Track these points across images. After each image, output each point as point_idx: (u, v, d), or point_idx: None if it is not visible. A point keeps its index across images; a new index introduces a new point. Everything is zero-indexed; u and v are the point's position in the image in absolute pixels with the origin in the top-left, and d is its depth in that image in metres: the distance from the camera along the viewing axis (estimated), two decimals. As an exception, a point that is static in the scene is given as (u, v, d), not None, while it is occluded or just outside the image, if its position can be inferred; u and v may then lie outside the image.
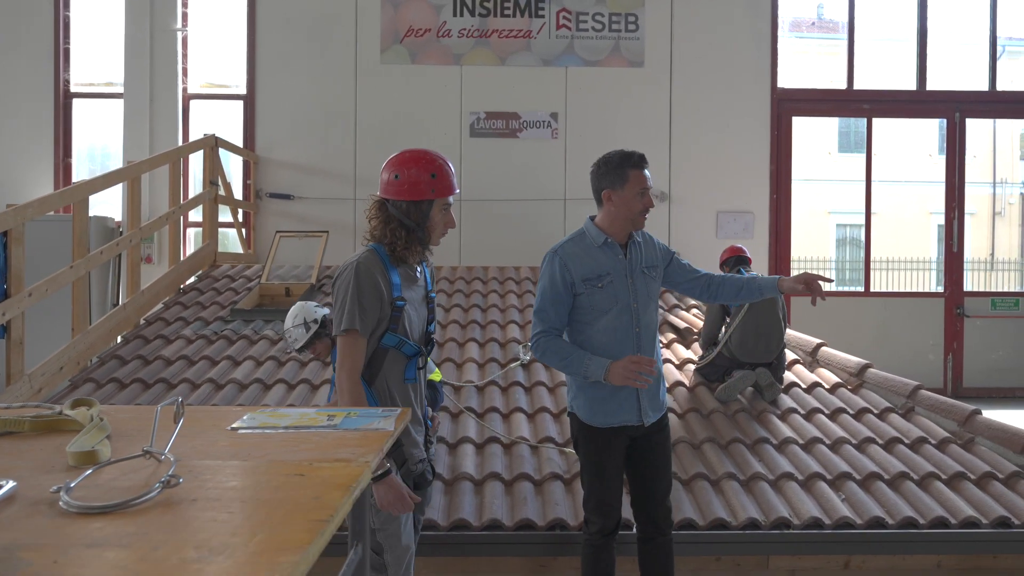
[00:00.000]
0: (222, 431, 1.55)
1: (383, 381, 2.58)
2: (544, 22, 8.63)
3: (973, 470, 4.03)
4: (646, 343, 2.99)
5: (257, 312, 6.18)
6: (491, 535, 3.51)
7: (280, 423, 1.62)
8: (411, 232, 2.57)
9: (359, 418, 1.70)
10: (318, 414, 1.72)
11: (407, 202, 2.55)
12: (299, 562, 0.88)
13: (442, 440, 4.27)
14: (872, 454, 4.21)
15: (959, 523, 3.60)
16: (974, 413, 4.48)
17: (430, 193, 2.55)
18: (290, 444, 1.45)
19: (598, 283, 2.96)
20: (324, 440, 1.48)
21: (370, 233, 2.61)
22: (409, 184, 2.54)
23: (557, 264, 2.98)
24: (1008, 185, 19.50)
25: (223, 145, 7.69)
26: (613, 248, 3.01)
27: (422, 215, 2.56)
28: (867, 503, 3.73)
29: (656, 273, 3.08)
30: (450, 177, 2.60)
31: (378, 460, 1.39)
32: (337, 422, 1.64)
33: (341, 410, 1.78)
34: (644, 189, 2.99)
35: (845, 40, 8.94)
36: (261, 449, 1.40)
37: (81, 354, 5.21)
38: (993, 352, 8.76)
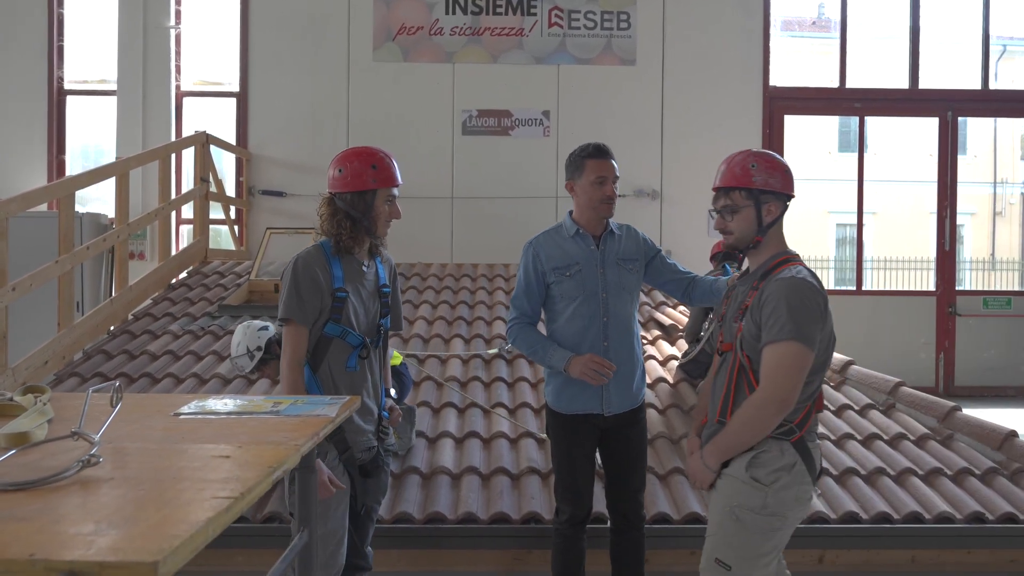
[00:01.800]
0: (164, 416, 1.57)
1: (327, 369, 2.67)
2: (536, 20, 8.64)
3: (950, 466, 4.04)
4: (615, 333, 3.02)
5: (245, 308, 6.20)
6: (465, 528, 3.52)
7: (224, 409, 1.63)
8: (356, 223, 2.69)
9: (305, 405, 1.72)
10: (265, 401, 1.74)
11: (351, 193, 2.68)
12: (194, 535, 0.89)
13: (421, 435, 4.28)
14: (850, 450, 4.22)
15: (933, 518, 3.60)
16: (954, 410, 4.49)
17: (372, 183, 2.68)
18: (226, 429, 1.46)
19: (566, 272, 3.04)
20: (262, 425, 1.50)
21: (320, 227, 2.73)
22: (352, 176, 2.68)
23: (531, 254, 3.10)
24: (1008, 185, 19.49)
25: (214, 142, 7.71)
26: (585, 239, 3.07)
27: (366, 205, 2.69)
28: (842, 498, 3.74)
29: (634, 266, 3.09)
30: (391, 169, 2.73)
31: (311, 444, 1.40)
32: (281, 408, 1.66)
33: (290, 398, 1.80)
34: (601, 177, 3.02)
35: (836, 40, 8.94)
36: (196, 434, 1.42)
37: (66, 349, 5.23)
38: (984, 351, 8.75)
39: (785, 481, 2.32)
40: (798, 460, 2.34)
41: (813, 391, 2.38)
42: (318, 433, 1.46)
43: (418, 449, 4.14)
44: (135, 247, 8.43)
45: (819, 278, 2.43)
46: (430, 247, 8.33)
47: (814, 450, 2.40)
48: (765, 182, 2.44)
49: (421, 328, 5.90)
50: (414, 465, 3.95)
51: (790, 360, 2.26)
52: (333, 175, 2.72)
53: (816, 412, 2.42)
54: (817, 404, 2.42)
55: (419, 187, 8.51)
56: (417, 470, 3.93)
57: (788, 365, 2.26)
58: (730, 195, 2.47)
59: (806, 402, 2.36)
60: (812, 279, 2.37)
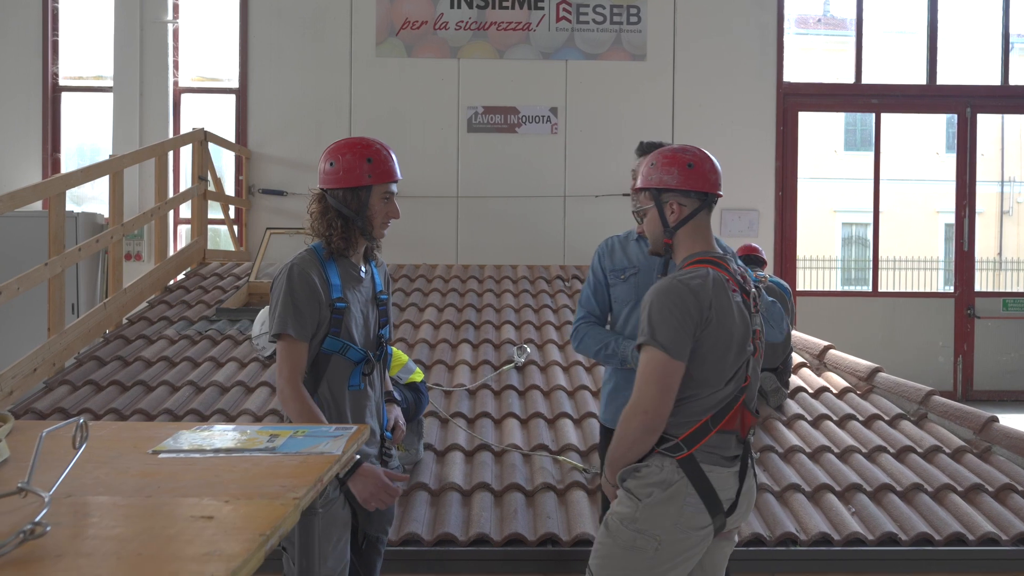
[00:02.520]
0: (140, 455, 1.34)
1: (326, 388, 2.40)
2: (544, 14, 8.40)
3: (991, 482, 3.81)
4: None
5: (244, 311, 5.96)
6: (478, 551, 3.30)
7: (211, 445, 1.40)
8: (349, 222, 2.42)
9: (306, 438, 1.48)
10: (260, 433, 1.51)
11: (344, 190, 2.42)
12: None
13: (430, 447, 4.05)
14: (883, 464, 3.99)
15: (977, 539, 3.38)
16: (991, 421, 4.25)
17: (367, 179, 2.41)
18: (212, 474, 1.23)
19: (622, 275, 2.92)
20: (255, 468, 1.27)
21: (310, 227, 2.47)
22: (345, 171, 2.41)
23: (596, 254, 3.05)
24: (1016, 184, 19.24)
25: (212, 139, 7.48)
26: (643, 243, 2.88)
27: (360, 203, 2.42)
28: (879, 517, 3.51)
29: None
30: (389, 163, 2.45)
31: (313, 494, 1.17)
32: (278, 444, 1.42)
33: (288, 428, 1.57)
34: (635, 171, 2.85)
35: (851, 37, 8.70)
36: (175, 480, 1.19)
37: (57, 355, 5.00)
38: (1004, 354, 8.51)
39: (658, 498, 2.13)
40: (681, 480, 2.13)
41: (708, 406, 2.15)
42: (322, 478, 1.22)
43: (426, 463, 3.91)
44: (132, 248, 8.21)
45: (722, 283, 2.17)
46: (435, 247, 8.10)
47: (716, 476, 2.14)
48: (660, 180, 2.30)
49: (427, 332, 5.66)
50: (422, 481, 3.72)
51: (650, 367, 2.11)
52: (324, 168, 2.45)
53: (726, 431, 2.16)
54: (726, 423, 2.15)
55: (423, 186, 8.29)
56: (425, 486, 3.70)
57: (647, 372, 2.12)
58: (639, 197, 2.42)
59: (696, 416, 2.14)
60: (693, 281, 2.14)
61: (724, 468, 2.16)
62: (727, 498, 2.16)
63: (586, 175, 8.26)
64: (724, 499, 2.15)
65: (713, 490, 2.13)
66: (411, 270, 7.14)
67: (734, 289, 2.19)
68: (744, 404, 2.20)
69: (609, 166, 8.25)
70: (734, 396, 2.17)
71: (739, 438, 2.20)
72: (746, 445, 2.24)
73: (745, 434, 2.22)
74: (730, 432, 2.17)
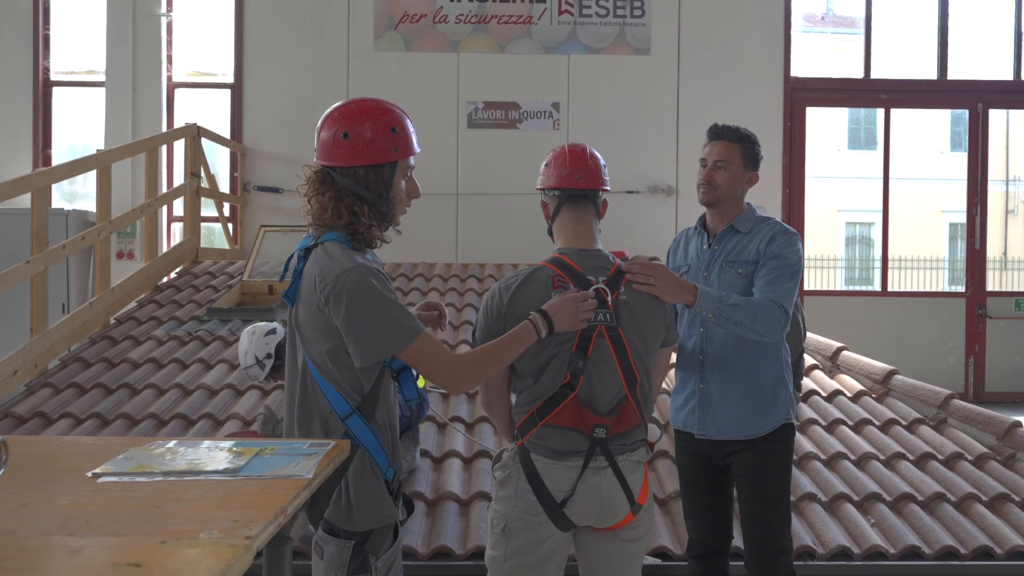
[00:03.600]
0: (77, 478, 1.15)
1: (384, 414, 2.02)
2: (545, 7, 8.20)
3: (1017, 491, 3.62)
4: (713, 347, 2.61)
5: (236, 311, 5.78)
6: (476, 565, 3.10)
7: (162, 467, 1.21)
8: (372, 207, 2.02)
9: (275, 456, 1.30)
10: (222, 451, 1.32)
11: (365, 168, 2.00)
12: None
13: (427, 454, 3.86)
14: (903, 472, 3.79)
15: (1006, 553, 3.19)
16: (1015, 426, 4.06)
17: (392, 153, 2.01)
18: (155, 503, 1.04)
19: (677, 272, 2.70)
20: (208, 495, 1.08)
21: (315, 216, 2.03)
22: (365, 144, 1.98)
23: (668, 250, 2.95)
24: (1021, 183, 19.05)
25: (206, 135, 7.29)
26: (702, 236, 2.79)
27: (384, 183, 2.02)
28: (900, 529, 3.32)
29: (749, 271, 2.63)
30: (411, 131, 2.08)
31: (271, 531, 0.97)
32: (242, 463, 1.24)
33: (258, 444, 1.37)
34: (703, 159, 2.76)
35: (860, 35, 8.50)
36: (108, 513, 1.00)
37: (39, 356, 4.82)
38: (1017, 355, 8.31)
39: (500, 479, 2.26)
40: (515, 466, 2.21)
41: (532, 399, 2.20)
42: (285, 509, 1.03)
43: (423, 470, 3.72)
44: (124, 246, 8.02)
45: (543, 280, 2.22)
46: (434, 245, 7.89)
47: (544, 467, 2.17)
48: (538, 180, 2.41)
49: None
50: (418, 490, 3.53)
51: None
52: (334, 139, 1.99)
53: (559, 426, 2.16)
54: (557, 418, 2.16)
55: (423, 182, 7.79)
56: (421, 495, 3.51)
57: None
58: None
59: (526, 408, 2.21)
60: (507, 280, 2.26)
61: (555, 462, 2.17)
62: (557, 490, 2.16)
63: (588, 172, 8.04)
64: (554, 491, 2.16)
65: (540, 481, 2.17)
66: (409, 268, 6.95)
67: (556, 287, 2.20)
68: (580, 402, 2.16)
69: (612, 162, 7.96)
70: (559, 392, 2.16)
71: (586, 436, 2.17)
72: (603, 444, 2.18)
73: (590, 432, 2.16)
74: (566, 428, 2.17)
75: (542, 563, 2.19)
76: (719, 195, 2.69)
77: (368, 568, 1.95)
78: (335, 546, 1.93)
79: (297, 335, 2.01)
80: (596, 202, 2.40)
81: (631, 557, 2.28)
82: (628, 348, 2.22)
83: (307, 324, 1.97)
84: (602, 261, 2.30)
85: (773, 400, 2.62)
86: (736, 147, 2.71)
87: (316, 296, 1.93)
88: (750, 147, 2.73)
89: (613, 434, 2.20)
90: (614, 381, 2.20)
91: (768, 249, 2.61)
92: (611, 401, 2.20)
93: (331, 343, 1.93)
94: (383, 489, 1.98)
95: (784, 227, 2.69)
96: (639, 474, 2.25)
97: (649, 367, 2.30)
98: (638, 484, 2.24)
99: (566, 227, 2.34)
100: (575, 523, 2.19)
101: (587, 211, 2.36)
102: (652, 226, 8.09)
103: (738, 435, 2.61)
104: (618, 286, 2.25)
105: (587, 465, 2.17)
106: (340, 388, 1.93)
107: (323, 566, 1.94)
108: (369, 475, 1.95)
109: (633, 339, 2.23)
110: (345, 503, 1.92)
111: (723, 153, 2.70)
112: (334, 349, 1.93)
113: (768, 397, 2.62)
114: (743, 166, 2.72)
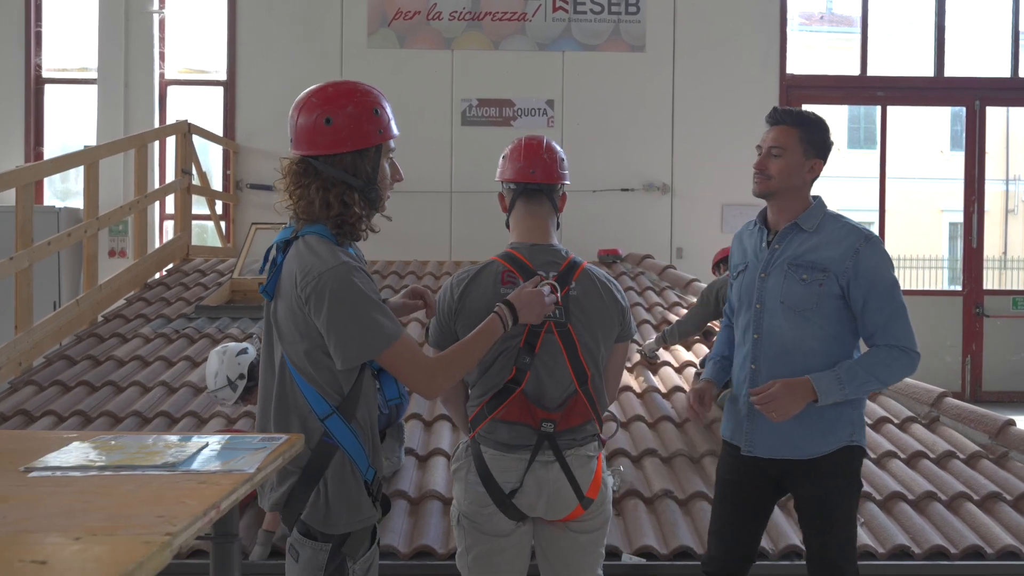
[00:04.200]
0: (8, 473, 1.10)
1: (365, 414, 1.95)
2: (540, 4, 8.16)
3: (1009, 490, 3.57)
4: (767, 357, 2.40)
5: (225, 309, 5.73)
6: (458, 565, 3.06)
7: (101, 460, 1.16)
8: (362, 194, 1.92)
9: (224, 451, 1.25)
10: (168, 445, 1.27)
11: (351, 154, 1.90)
12: None
13: (411, 452, 3.82)
14: (894, 470, 3.74)
15: (996, 553, 3.14)
16: (1007, 424, 4.01)
17: (377, 135, 1.90)
18: (82, 499, 0.99)
19: (735, 272, 2.56)
20: (140, 491, 1.03)
21: (300, 210, 1.92)
22: (349, 128, 1.87)
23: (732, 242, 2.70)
24: (1021, 182, 18.99)
25: (197, 132, 7.24)
26: (762, 233, 2.53)
27: (372, 167, 1.92)
28: (890, 528, 3.27)
29: (816, 278, 2.35)
30: (390, 113, 1.98)
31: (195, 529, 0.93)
32: (182, 458, 1.19)
33: (204, 439, 1.33)
34: (758, 147, 2.50)
35: (856, 34, 8.46)
36: (29, 508, 0.95)
37: (24, 354, 4.77)
38: (1014, 354, 8.26)
39: (453, 469, 2.31)
40: (467, 458, 2.24)
41: (481, 392, 2.22)
42: (218, 504, 0.98)
43: (407, 469, 3.67)
44: (116, 244, 7.98)
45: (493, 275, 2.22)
46: (427, 243, 7.85)
47: (493, 459, 2.19)
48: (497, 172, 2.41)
49: (415, 331, 5.43)
50: (401, 488, 3.48)
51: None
52: (314, 125, 1.88)
53: (507, 421, 2.17)
54: (504, 413, 2.17)
55: (416, 180, 8.02)
56: (404, 494, 3.47)
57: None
58: None
59: (477, 401, 2.24)
60: (458, 276, 2.28)
61: (503, 454, 2.18)
62: (505, 481, 2.17)
63: (584, 170, 7.95)
64: (502, 482, 2.17)
65: (489, 473, 2.18)
66: (401, 267, 6.91)
67: (506, 282, 2.19)
68: (528, 397, 2.16)
69: (607, 160, 8.02)
70: (506, 387, 2.16)
71: (534, 430, 2.17)
72: (550, 439, 2.17)
73: (538, 426, 2.17)
74: (513, 423, 2.17)
75: (500, 554, 2.21)
76: (772, 186, 2.42)
77: (345, 571, 1.91)
78: (311, 549, 1.88)
79: (275, 332, 1.94)
80: (552, 196, 2.34)
81: (584, 549, 2.27)
82: (578, 344, 2.20)
83: (285, 322, 1.90)
84: (554, 256, 2.27)
85: (835, 418, 2.37)
86: (795, 131, 2.40)
87: (296, 293, 1.85)
88: (813, 131, 2.42)
89: (562, 428, 2.19)
90: (563, 376, 2.19)
91: (857, 268, 2.33)
92: (560, 396, 2.20)
93: (310, 343, 1.87)
94: (362, 491, 1.93)
95: (865, 232, 2.39)
96: (589, 468, 2.23)
97: (600, 362, 2.27)
98: (588, 478, 2.22)
99: (520, 221, 2.32)
100: (526, 514, 2.20)
101: (542, 206, 2.32)
102: (647, 224, 8.05)
103: (791, 455, 2.38)
104: (569, 281, 2.22)
105: (534, 459, 2.18)
106: (319, 388, 1.87)
107: (298, 569, 1.89)
108: (349, 476, 1.90)
109: (583, 335, 2.21)
110: (323, 505, 1.87)
111: (779, 138, 2.41)
112: (313, 349, 1.86)
113: (830, 415, 2.36)
114: (803, 153, 2.40)
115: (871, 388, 2.37)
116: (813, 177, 2.46)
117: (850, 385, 2.29)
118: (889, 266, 2.38)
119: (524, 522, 2.24)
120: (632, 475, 3.62)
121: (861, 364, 2.33)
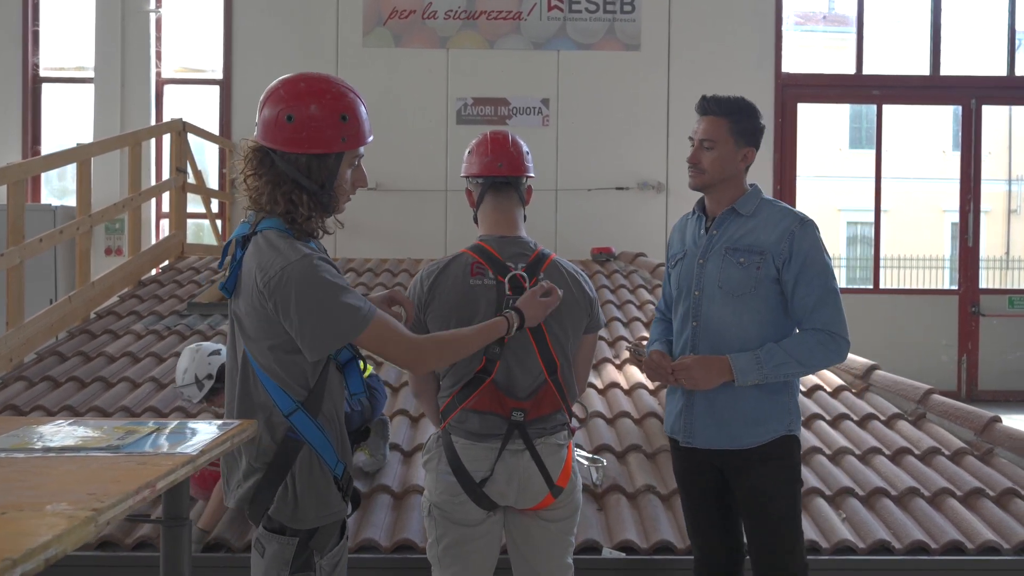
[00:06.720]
0: (-48, 455, 1.11)
1: (331, 407, 1.94)
2: (535, 3, 8.17)
3: (992, 486, 3.57)
4: (706, 345, 2.38)
5: (216, 306, 5.74)
6: (438, 559, 3.06)
7: (48, 443, 1.18)
8: (312, 196, 1.86)
9: (174, 434, 1.26)
10: (117, 429, 1.28)
11: (308, 156, 1.84)
12: None
13: (396, 447, 3.83)
14: (878, 467, 3.75)
15: (977, 548, 3.14)
16: (993, 421, 4.01)
17: (339, 143, 1.84)
18: (18, 478, 1.01)
19: (672, 261, 2.56)
20: (79, 471, 1.04)
21: (251, 198, 1.89)
22: (310, 131, 1.81)
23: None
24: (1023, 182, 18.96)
25: (192, 130, 7.26)
26: (700, 220, 2.51)
27: (329, 173, 1.86)
28: (871, 523, 3.28)
29: (753, 261, 2.33)
30: (364, 119, 1.91)
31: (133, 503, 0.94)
32: (129, 442, 1.20)
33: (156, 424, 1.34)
34: (690, 138, 2.48)
35: (852, 33, 8.45)
36: (-37, 487, 0.96)
37: (15, 350, 4.79)
38: (1010, 353, 8.24)
39: (423, 460, 2.33)
40: (438, 448, 2.26)
41: (452, 383, 2.24)
42: (154, 484, 0.99)
43: (391, 465, 3.69)
44: (113, 242, 8.01)
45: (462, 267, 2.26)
46: (422, 242, 7.86)
47: (463, 448, 2.20)
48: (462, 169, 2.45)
49: (405, 328, 5.45)
50: (384, 483, 3.50)
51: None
52: (276, 120, 1.83)
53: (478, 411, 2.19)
54: (475, 403, 2.19)
55: (411, 179, 8.09)
56: (388, 489, 3.48)
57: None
58: None
59: (448, 391, 2.26)
60: (427, 268, 2.31)
61: (474, 443, 2.20)
62: (476, 470, 2.19)
63: (578, 168, 8.02)
64: (473, 471, 2.19)
65: (460, 462, 2.19)
66: (394, 265, 6.92)
67: (475, 273, 2.21)
68: (498, 387, 2.18)
69: (602, 159, 8.02)
70: (476, 377, 2.18)
71: (504, 419, 2.19)
72: (521, 428, 2.20)
73: (508, 415, 2.19)
74: (484, 412, 2.19)
75: (470, 543, 2.22)
76: (707, 179, 2.39)
77: (312, 566, 1.91)
78: (278, 543, 1.88)
79: (237, 328, 1.92)
80: (520, 189, 2.38)
81: (554, 538, 2.29)
82: (547, 334, 2.23)
83: (247, 318, 1.88)
84: (522, 248, 2.30)
85: (771, 407, 2.36)
86: (724, 122, 2.36)
87: (258, 290, 1.82)
88: (741, 120, 2.38)
89: (532, 418, 2.22)
90: (533, 366, 2.22)
91: (792, 251, 2.32)
92: (530, 386, 2.23)
93: (273, 339, 1.85)
94: (331, 485, 1.93)
95: (798, 216, 2.39)
96: (559, 457, 2.25)
97: (569, 352, 2.30)
98: (558, 467, 2.24)
99: (488, 215, 2.36)
100: (497, 503, 2.22)
101: (510, 199, 2.36)
102: (642, 223, 8.04)
103: (728, 445, 2.37)
104: (537, 273, 2.25)
105: (504, 447, 2.19)
106: (283, 384, 1.85)
107: (264, 564, 1.89)
108: (317, 471, 1.90)
109: (552, 325, 2.23)
110: (292, 499, 1.87)
111: (709, 130, 2.37)
112: (276, 346, 1.85)
113: (765, 403, 2.36)
114: (735, 143, 2.37)
115: (792, 371, 2.32)
116: (747, 165, 2.44)
117: (768, 365, 2.28)
118: (822, 251, 2.37)
119: (495, 512, 2.25)
120: (616, 470, 3.63)
121: (783, 346, 2.31)
